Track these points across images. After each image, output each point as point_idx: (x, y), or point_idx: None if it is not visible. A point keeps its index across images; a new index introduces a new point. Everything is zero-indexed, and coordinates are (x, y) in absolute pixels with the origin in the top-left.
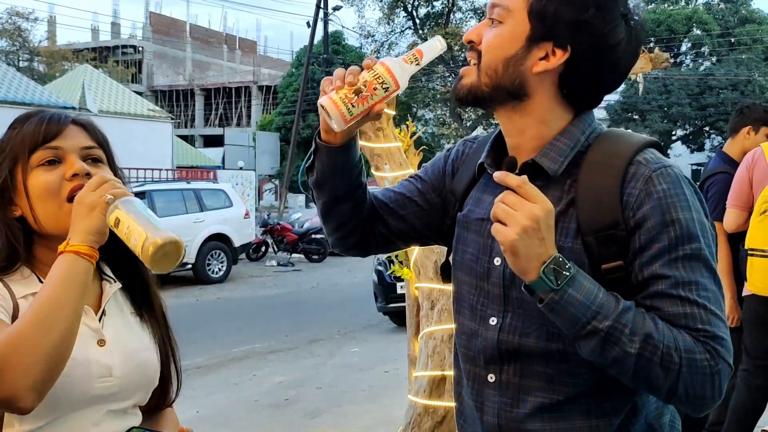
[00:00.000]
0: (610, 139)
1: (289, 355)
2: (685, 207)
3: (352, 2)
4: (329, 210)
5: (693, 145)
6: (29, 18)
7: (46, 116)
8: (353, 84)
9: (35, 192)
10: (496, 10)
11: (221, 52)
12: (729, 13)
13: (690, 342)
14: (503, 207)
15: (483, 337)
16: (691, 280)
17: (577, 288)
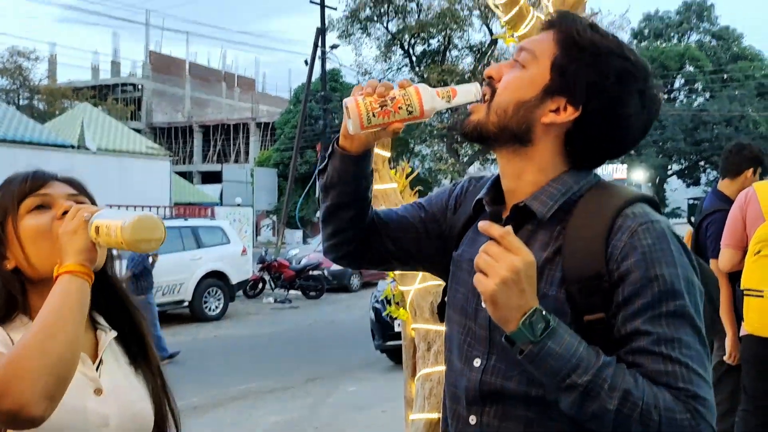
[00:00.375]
0: (604, 190)
1: (286, 394)
2: (670, 263)
3: (349, 41)
4: (330, 214)
5: (689, 179)
6: (30, 57)
7: (30, 172)
8: (382, 96)
9: (27, 235)
10: (522, 54)
11: (220, 90)
12: (721, 50)
13: (670, 400)
14: (485, 258)
15: (467, 378)
16: (674, 338)
17: (557, 341)
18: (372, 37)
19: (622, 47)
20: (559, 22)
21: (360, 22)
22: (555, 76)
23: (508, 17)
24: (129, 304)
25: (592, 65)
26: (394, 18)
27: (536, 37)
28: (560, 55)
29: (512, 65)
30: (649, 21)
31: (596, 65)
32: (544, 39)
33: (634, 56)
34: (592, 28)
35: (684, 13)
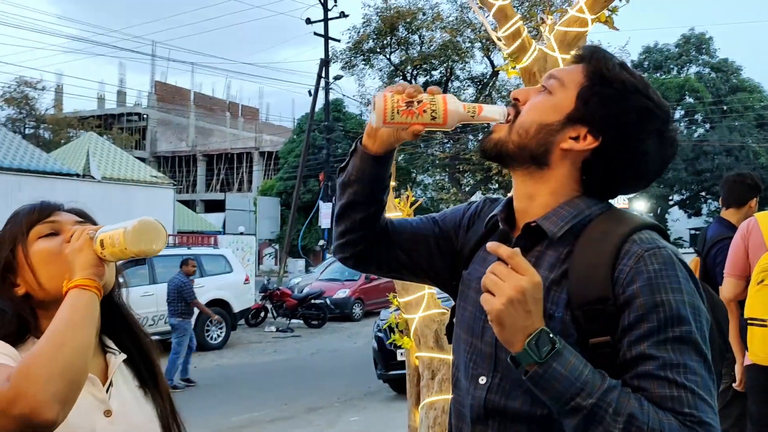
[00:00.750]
0: (613, 217)
1: (288, 424)
2: (676, 289)
3: (353, 72)
4: (343, 212)
5: (690, 209)
6: (37, 87)
7: (38, 202)
8: (411, 96)
9: (39, 259)
10: (551, 81)
11: (224, 119)
12: (720, 82)
13: (676, 426)
14: (492, 277)
15: (472, 395)
16: (679, 363)
17: (562, 363)
18: (375, 68)
19: (648, 88)
20: (590, 56)
21: (363, 54)
22: (579, 104)
23: (511, 50)
24: (137, 328)
25: (615, 100)
26: (397, 50)
27: (567, 67)
28: (587, 87)
29: (539, 90)
30: (649, 53)
31: (620, 101)
32: (573, 70)
33: (657, 98)
34: (622, 66)
35: (683, 46)
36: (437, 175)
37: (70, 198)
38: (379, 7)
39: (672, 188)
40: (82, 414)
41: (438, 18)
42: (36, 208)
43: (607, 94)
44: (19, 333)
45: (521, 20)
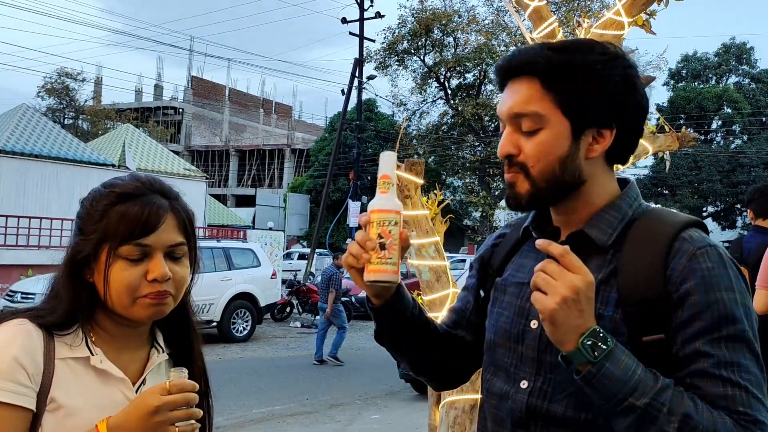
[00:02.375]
0: (657, 215)
1: (309, 419)
2: (728, 287)
3: (386, 72)
4: (418, 364)
5: (724, 221)
6: (77, 78)
7: (148, 204)
8: (374, 245)
9: (115, 283)
10: (525, 121)
11: (257, 116)
12: (760, 93)
13: (730, 425)
14: (544, 276)
15: (513, 400)
16: (733, 361)
17: (615, 362)
18: (408, 69)
19: (589, 44)
20: (524, 68)
21: (397, 55)
22: (573, 118)
23: None
24: (192, 324)
25: (591, 84)
26: (431, 51)
27: (521, 98)
28: (565, 101)
29: (515, 132)
30: (687, 62)
31: (593, 80)
32: (531, 96)
33: (601, 45)
34: (550, 49)
35: (723, 55)
36: (467, 177)
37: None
38: (414, 9)
39: (706, 200)
40: (113, 410)
41: (473, 21)
42: (142, 218)
43: (580, 88)
44: (67, 324)
45: (557, 22)
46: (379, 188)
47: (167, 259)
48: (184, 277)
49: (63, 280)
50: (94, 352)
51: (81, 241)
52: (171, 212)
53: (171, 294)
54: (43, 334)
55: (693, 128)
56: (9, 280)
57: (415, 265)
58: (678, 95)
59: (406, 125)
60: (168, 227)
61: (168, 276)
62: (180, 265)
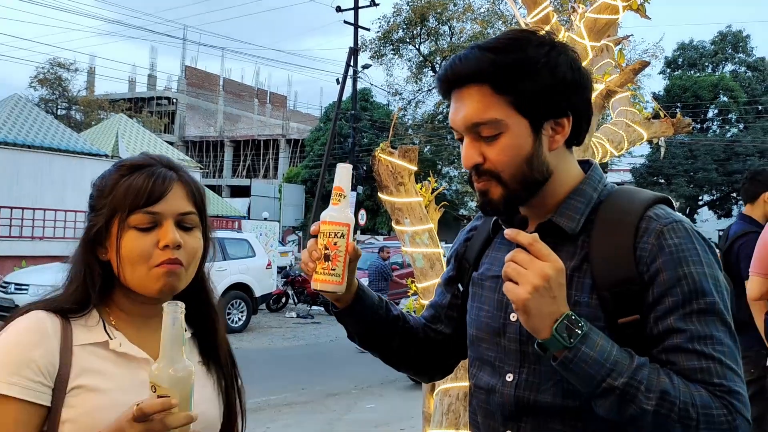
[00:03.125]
0: (622, 196)
1: (305, 409)
2: (697, 261)
3: (381, 61)
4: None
5: (720, 210)
6: (70, 68)
7: (154, 174)
8: (318, 255)
9: (126, 253)
10: (484, 129)
11: (252, 106)
12: (756, 82)
13: (707, 397)
14: (514, 266)
15: (500, 394)
16: (706, 335)
17: (591, 345)
18: (404, 58)
19: (525, 37)
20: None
21: (392, 44)
22: (529, 115)
23: None
24: (211, 303)
25: (537, 76)
26: (426, 40)
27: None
28: (518, 100)
29: (475, 141)
30: (684, 50)
31: (539, 73)
32: (485, 102)
33: (535, 35)
34: (489, 51)
35: (719, 44)
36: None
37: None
38: None
39: (702, 188)
40: (138, 391)
41: (469, 9)
42: (149, 186)
43: (531, 85)
44: (81, 304)
45: (551, 6)
46: (332, 199)
47: (178, 228)
48: (195, 248)
49: (77, 261)
50: (113, 336)
51: (93, 217)
52: (179, 182)
53: (182, 264)
54: (59, 320)
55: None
56: (2, 271)
57: (409, 253)
58: (674, 84)
59: (401, 114)
60: (176, 195)
61: (179, 242)
62: (191, 235)
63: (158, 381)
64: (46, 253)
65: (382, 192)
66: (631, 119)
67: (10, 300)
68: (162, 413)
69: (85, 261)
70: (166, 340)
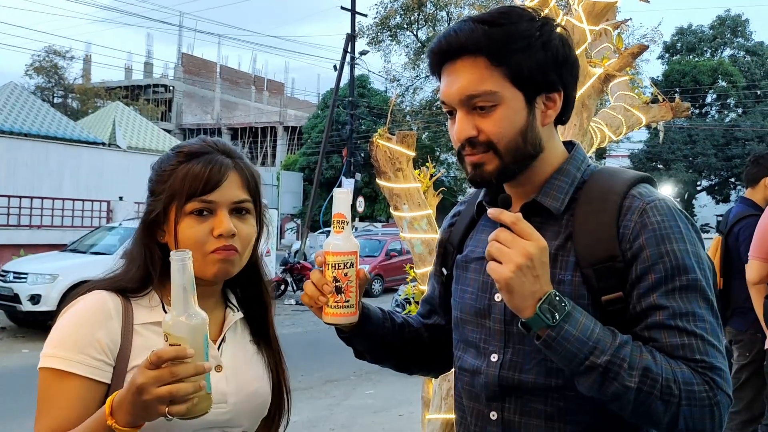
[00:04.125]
0: (605, 175)
1: (304, 395)
2: (680, 238)
3: (379, 47)
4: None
5: (719, 195)
6: (66, 56)
7: (211, 162)
8: (330, 288)
9: (183, 239)
10: (479, 101)
11: (249, 93)
12: (755, 66)
13: (688, 374)
14: (498, 245)
15: (485, 374)
16: (688, 311)
17: (574, 324)
18: (401, 44)
19: (517, 12)
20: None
21: (390, 30)
22: (524, 87)
23: None
24: (264, 284)
25: (532, 50)
26: (424, 26)
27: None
28: (513, 72)
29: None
30: (682, 35)
31: (534, 47)
32: (481, 74)
33: (526, 11)
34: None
35: (718, 28)
36: None
37: (95, 166)
38: None
39: (701, 174)
40: None
41: None
42: (206, 174)
43: (526, 58)
44: (143, 283)
45: None
46: (334, 228)
47: (232, 216)
48: (250, 234)
49: (137, 242)
50: None
51: (152, 202)
52: (234, 170)
53: (237, 251)
54: (120, 300)
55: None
56: (1, 260)
57: (407, 239)
58: (673, 69)
59: (398, 101)
60: (231, 184)
61: (233, 231)
62: (245, 222)
63: (169, 330)
64: (43, 242)
65: (380, 178)
66: (630, 104)
67: (9, 289)
68: (173, 362)
69: (145, 243)
70: (176, 288)
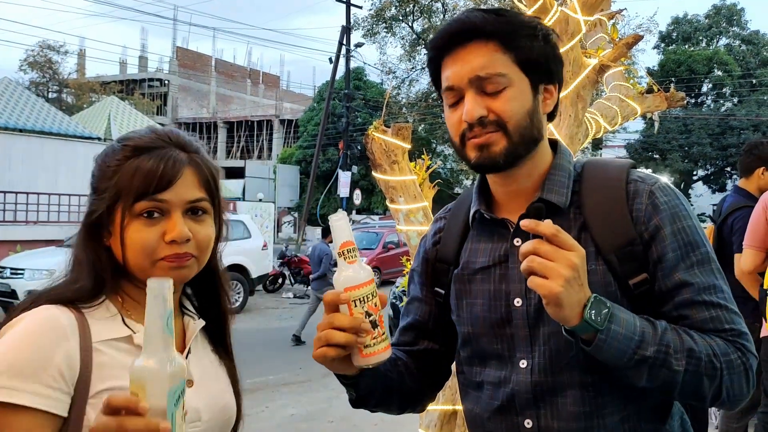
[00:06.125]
0: (597, 166)
1: (303, 388)
2: (686, 215)
3: (374, 40)
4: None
5: (714, 185)
6: (60, 51)
7: (164, 158)
8: (368, 326)
9: (130, 244)
10: (489, 83)
11: (245, 86)
12: (750, 55)
13: (723, 345)
14: (539, 260)
15: (514, 382)
16: (709, 285)
17: (618, 322)
18: (397, 36)
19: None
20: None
21: (385, 22)
22: (530, 73)
23: (532, 11)
24: (223, 292)
25: (537, 40)
26: (420, 18)
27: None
28: (522, 57)
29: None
30: (678, 24)
31: (538, 38)
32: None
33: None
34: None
35: (713, 17)
36: None
37: (91, 161)
38: None
39: (696, 163)
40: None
41: None
42: (158, 171)
43: (533, 46)
44: (95, 290)
45: None
46: (345, 259)
47: (187, 217)
48: (207, 237)
49: (81, 246)
50: (136, 329)
51: (95, 200)
52: (190, 165)
53: (193, 255)
54: (74, 314)
55: (683, 91)
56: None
57: (403, 231)
58: (668, 58)
59: (394, 93)
60: (187, 182)
61: (187, 236)
62: (202, 224)
63: (131, 374)
64: (40, 237)
65: (376, 171)
66: (625, 94)
67: (7, 285)
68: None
69: (90, 247)
70: (151, 325)
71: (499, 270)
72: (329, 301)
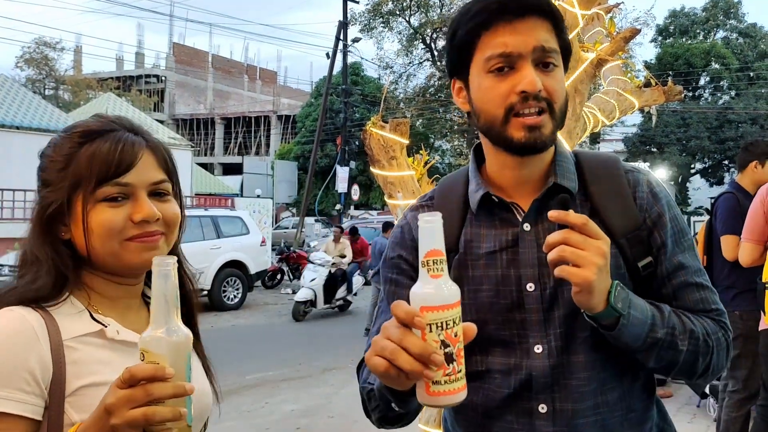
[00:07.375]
0: (589, 155)
1: (302, 384)
2: (674, 205)
3: (371, 35)
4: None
5: (712, 178)
6: (56, 48)
7: (120, 140)
8: (441, 359)
9: (96, 229)
10: (547, 57)
11: (242, 82)
12: (748, 48)
13: (711, 324)
14: (572, 249)
15: (528, 367)
16: (697, 268)
17: (635, 307)
18: (394, 31)
19: None
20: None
21: (382, 16)
22: (565, 59)
23: None
24: (186, 271)
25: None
26: (417, 12)
27: (544, 35)
28: (561, 40)
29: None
30: (675, 18)
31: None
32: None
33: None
34: None
35: (710, 10)
36: (455, 140)
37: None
38: None
39: (694, 156)
40: None
41: None
42: (116, 155)
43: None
44: (56, 287)
45: None
46: (429, 271)
47: (152, 198)
48: (175, 214)
49: (37, 242)
50: (106, 323)
51: (49, 193)
52: (147, 148)
53: (162, 233)
54: (40, 313)
55: (681, 85)
56: None
57: None
58: (666, 52)
59: (391, 88)
60: (147, 164)
61: (157, 215)
62: (168, 203)
63: (147, 346)
64: None
65: (374, 166)
66: (623, 88)
67: (4, 282)
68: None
69: (48, 242)
70: (157, 299)
71: (506, 255)
72: (400, 319)
